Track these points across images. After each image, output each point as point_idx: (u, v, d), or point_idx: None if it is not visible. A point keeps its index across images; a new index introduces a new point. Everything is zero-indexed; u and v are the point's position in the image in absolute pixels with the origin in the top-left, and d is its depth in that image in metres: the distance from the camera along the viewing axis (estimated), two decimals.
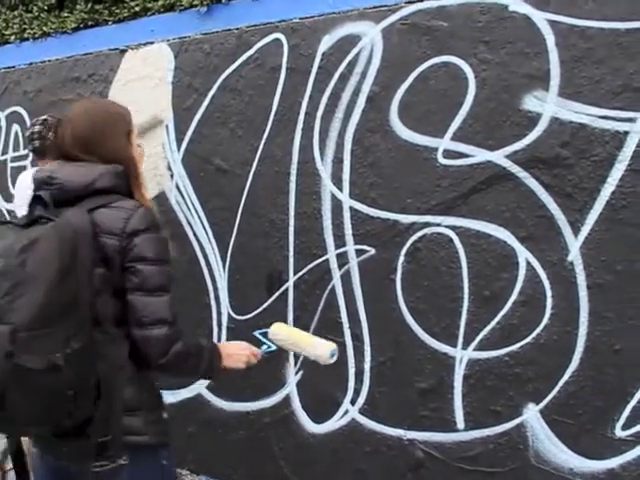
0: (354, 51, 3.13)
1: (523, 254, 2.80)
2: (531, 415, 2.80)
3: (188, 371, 1.91)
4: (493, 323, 2.87)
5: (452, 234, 2.95)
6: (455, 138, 2.92)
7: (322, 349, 2.26)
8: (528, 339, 2.80)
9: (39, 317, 1.53)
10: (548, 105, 2.71)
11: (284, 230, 3.34)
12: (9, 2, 4.32)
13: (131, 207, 1.79)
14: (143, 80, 3.78)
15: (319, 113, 3.24)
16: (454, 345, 2.96)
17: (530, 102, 2.75)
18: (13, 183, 4.35)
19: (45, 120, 3.30)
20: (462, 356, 2.94)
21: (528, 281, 2.79)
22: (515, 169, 2.79)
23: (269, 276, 3.41)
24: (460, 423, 2.96)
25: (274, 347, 2.25)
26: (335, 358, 2.26)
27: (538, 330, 2.77)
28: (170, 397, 3.74)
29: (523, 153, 2.77)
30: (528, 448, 2.80)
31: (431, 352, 3.01)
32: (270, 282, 3.42)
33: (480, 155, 2.87)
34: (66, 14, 4.06)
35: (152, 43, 3.76)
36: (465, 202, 2.91)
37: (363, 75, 3.12)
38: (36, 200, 1.74)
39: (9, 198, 4.37)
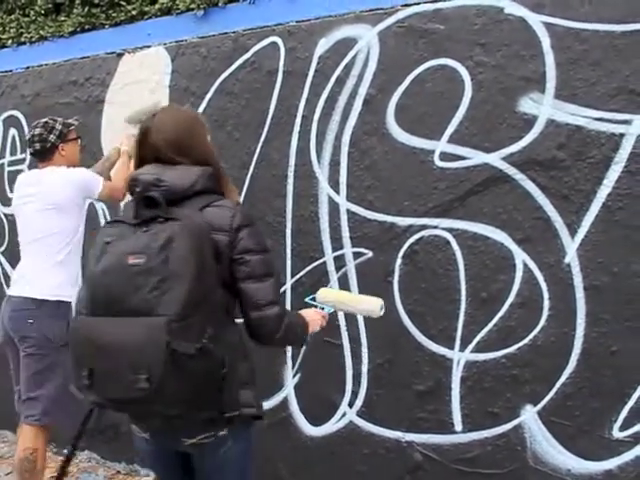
0: (351, 54, 3.14)
1: (520, 256, 2.81)
2: (529, 417, 2.80)
3: (295, 340, 2.16)
4: (490, 325, 2.88)
5: (449, 236, 2.96)
6: (452, 140, 2.92)
7: (372, 304, 2.41)
8: (525, 341, 2.80)
9: (185, 309, 1.72)
10: (544, 107, 2.72)
11: (281, 233, 3.35)
12: (6, 6, 4.32)
13: (232, 205, 1.96)
14: (140, 84, 3.79)
15: (316, 116, 3.25)
16: (451, 347, 2.96)
17: (526, 104, 2.76)
18: (10, 187, 4.35)
19: (46, 123, 3.31)
20: (459, 358, 2.95)
21: (525, 283, 2.80)
22: (512, 171, 2.79)
23: None
24: (458, 425, 2.96)
25: (331, 308, 2.40)
26: (384, 311, 2.40)
27: (535, 332, 2.78)
28: None
29: (520, 155, 2.78)
30: (526, 449, 2.81)
31: (428, 354, 3.02)
32: None
33: (477, 157, 2.88)
34: (63, 18, 4.06)
35: (149, 47, 3.77)
36: (462, 204, 2.92)
37: (360, 78, 3.13)
38: (144, 200, 1.85)
39: (7, 202, 4.36)
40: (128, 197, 2.18)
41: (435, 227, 2.99)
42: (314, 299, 2.41)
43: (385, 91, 3.07)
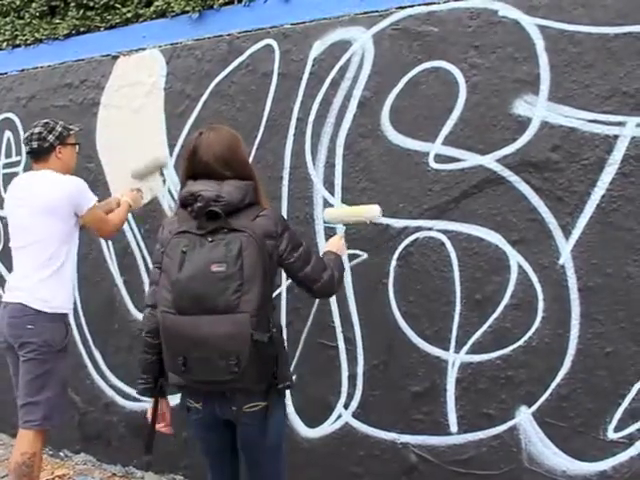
0: (345, 56, 3.15)
1: (514, 257, 2.81)
2: (524, 418, 2.81)
3: (342, 280, 2.61)
4: (485, 326, 2.89)
5: (444, 238, 2.96)
6: (446, 142, 2.93)
7: (372, 210, 2.91)
8: (520, 342, 2.81)
9: (259, 306, 2.15)
10: (538, 109, 2.73)
11: None
12: (0, 9, 4.31)
13: (273, 214, 2.35)
14: (135, 86, 3.79)
15: (311, 118, 3.25)
16: (446, 348, 2.97)
17: (520, 106, 2.77)
18: (5, 189, 4.34)
19: (47, 123, 3.26)
20: (454, 359, 2.95)
21: (520, 284, 2.81)
22: (506, 173, 2.80)
23: None
24: (453, 426, 2.96)
25: (342, 228, 2.98)
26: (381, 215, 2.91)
27: (530, 333, 2.79)
28: None
29: (514, 157, 2.79)
30: (521, 451, 2.81)
31: (423, 356, 3.02)
32: None
33: (471, 159, 2.88)
34: (58, 21, 4.06)
35: (144, 49, 3.77)
36: (457, 206, 2.93)
37: (354, 80, 3.14)
38: (207, 214, 2.20)
39: (1, 205, 4.36)
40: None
41: (430, 229, 3.00)
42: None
43: (380, 93, 3.08)
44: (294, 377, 3.30)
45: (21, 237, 3.23)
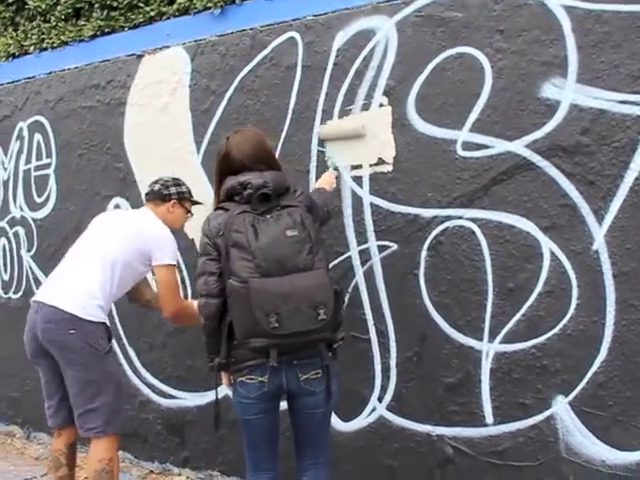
0: (369, 46, 3.12)
1: (547, 244, 2.76)
2: (560, 407, 2.76)
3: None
4: (518, 315, 2.84)
5: (474, 226, 2.92)
6: (474, 129, 2.89)
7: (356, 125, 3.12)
8: (555, 330, 2.76)
9: (328, 264, 2.58)
10: (567, 92, 2.67)
11: None
12: (27, 13, 4.35)
13: (305, 193, 2.73)
14: (161, 84, 3.80)
15: (336, 110, 3.23)
16: (480, 339, 2.93)
17: (548, 90, 2.71)
18: (37, 192, 4.41)
19: (177, 179, 3.29)
20: (488, 349, 2.91)
21: (553, 271, 2.76)
22: (535, 158, 2.75)
23: None
24: (489, 417, 2.92)
25: (335, 161, 3.23)
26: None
27: (564, 321, 2.73)
28: (198, 399, 3.76)
29: (543, 142, 2.73)
30: (558, 441, 2.76)
31: (457, 346, 2.98)
32: None
33: (499, 146, 2.83)
34: (83, 22, 4.08)
35: (168, 47, 3.77)
36: (486, 194, 2.88)
37: (379, 70, 3.11)
38: (259, 197, 2.50)
39: (34, 207, 4.42)
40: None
41: (460, 217, 2.95)
42: (322, 145, 3.24)
43: (405, 82, 3.04)
44: None
45: (94, 249, 3.14)
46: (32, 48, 4.35)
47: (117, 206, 4.00)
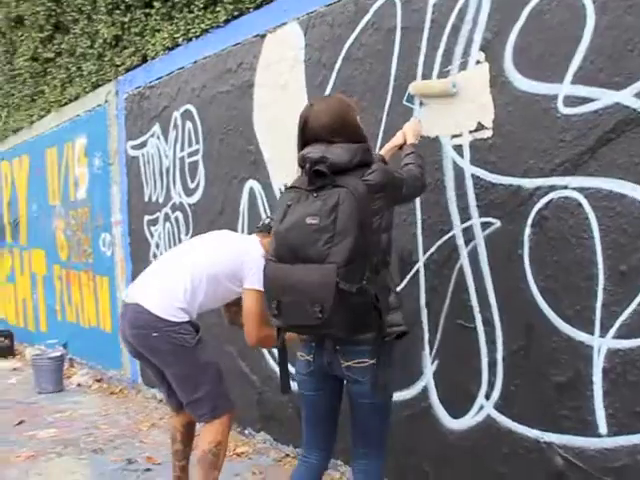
0: None
1: None
2: None
3: (424, 173, 2.66)
4: (634, 304, 2.32)
5: (580, 197, 2.44)
6: (576, 80, 2.42)
7: (446, 82, 2.83)
8: None
9: (349, 258, 2.21)
10: None
11: (411, 205, 3.05)
12: (180, 6, 4.51)
13: (381, 169, 2.39)
14: (280, 63, 3.72)
15: (434, 73, 2.90)
16: (591, 332, 2.45)
17: None
18: (191, 177, 4.57)
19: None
20: (600, 345, 2.42)
21: None
22: None
23: (400, 257, 3.12)
24: (602, 427, 2.43)
25: (416, 105, 2.98)
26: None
27: None
28: None
29: None
30: None
31: (565, 340, 2.53)
32: (402, 264, 3.14)
33: (605, 97, 2.33)
34: (218, 9, 4.13)
35: (285, 24, 3.67)
36: (592, 157, 2.40)
37: (474, 23, 2.73)
38: (314, 172, 2.30)
39: (189, 192, 4.60)
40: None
41: (565, 187, 2.49)
42: (410, 98, 2.98)
43: (501, 33, 2.63)
44: (435, 362, 3.03)
45: (190, 258, 3.17)
46: (181, 39, 4.50)
47: (251, 189, 4.00)
